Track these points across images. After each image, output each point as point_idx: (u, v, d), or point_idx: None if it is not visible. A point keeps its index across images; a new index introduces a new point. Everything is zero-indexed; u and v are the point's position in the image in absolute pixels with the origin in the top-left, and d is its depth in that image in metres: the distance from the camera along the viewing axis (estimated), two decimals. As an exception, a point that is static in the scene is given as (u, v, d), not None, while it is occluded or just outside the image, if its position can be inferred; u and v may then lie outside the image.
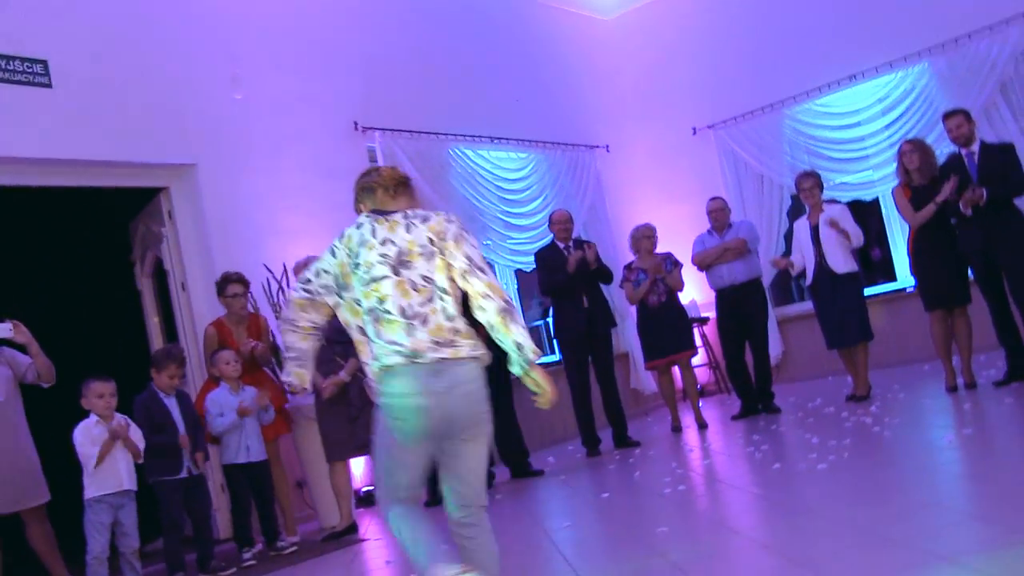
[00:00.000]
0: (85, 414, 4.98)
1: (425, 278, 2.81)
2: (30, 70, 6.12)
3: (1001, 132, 8.28)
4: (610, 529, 4.64)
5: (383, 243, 2.84)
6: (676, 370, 8.12)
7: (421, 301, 2.79)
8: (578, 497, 5.75)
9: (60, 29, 6.30)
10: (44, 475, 5.25)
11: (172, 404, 5.35)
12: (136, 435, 5.05)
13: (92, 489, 4.86)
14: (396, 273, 2.80)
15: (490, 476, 6.75)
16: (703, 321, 9.70)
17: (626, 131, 10.60)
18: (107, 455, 4.87)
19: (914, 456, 4.71)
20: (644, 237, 7.71)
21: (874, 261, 9.70)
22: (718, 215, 7.77)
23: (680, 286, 7.66)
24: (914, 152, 6.59)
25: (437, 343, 2.75)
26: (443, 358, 2.74)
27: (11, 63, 6.03)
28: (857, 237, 6.98)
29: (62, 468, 5.05)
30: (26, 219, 8.43)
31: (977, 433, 4.91)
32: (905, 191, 6.62)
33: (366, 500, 6.78)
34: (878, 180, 9.06)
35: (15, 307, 5.68)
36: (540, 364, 2.93)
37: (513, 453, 6.95)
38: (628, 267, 7.79)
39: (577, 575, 3.66)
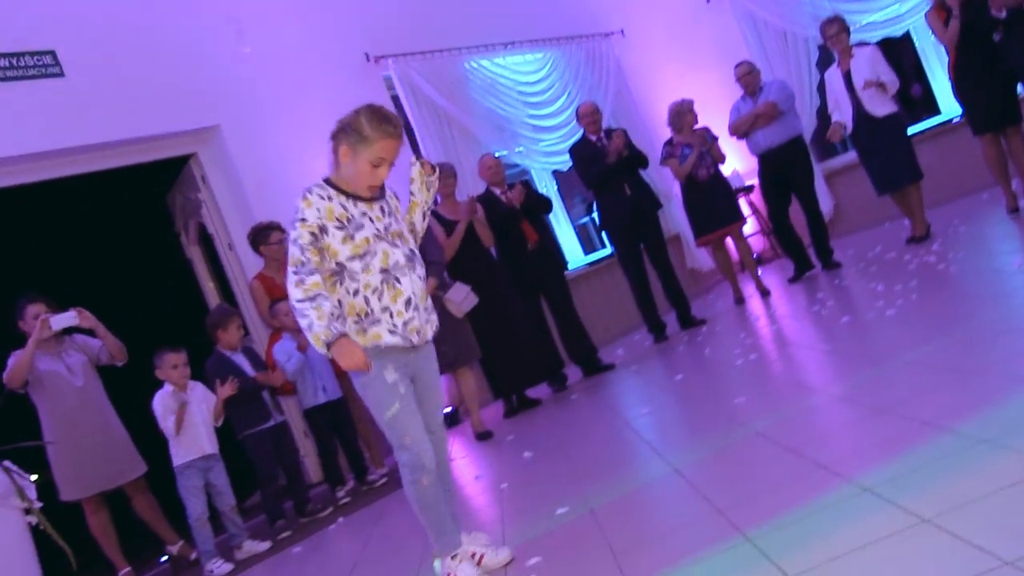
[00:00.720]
0: (159, 384, 5.10)
1: None
2: (40, 63, 6.11)
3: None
4: (689, 409, 4.65)
5: None
6: (730, 243, 8.03)
7: None
8: (652, 383, 5.77)
9: (62, 16, 6.28)
10: (137, 448, 5.46)
11: (241, 360, 5.45)
12: (211, 401, 5.19)
13: (179, 457, 5.03)
14: None
15: (563, 378, 6.80)
16: (748, 190, 9.56)
17: (639, 12, 10.30)
18: (183, 423, 5.00)
19: (984, 285, 4.62)
20: (688, 112, 7.53)
21: (915, 98, 9.42)
22: (748, 80, 7.57)
23: (723, 158, 7.54)
24: None
25: None
26: None
27: (21, 59, 6.03)
28: (893, 84, 6.76)
29: (153, 438, 5.21)
30: (70, 209, 8.55)
31: (1047, 251, 4.79)
32: (939, 13, 6.33)
33: (448, 420, 6.87)
34: (906, 12, 8.69)
35: (76, 294, 5.79)
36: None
37: (581, 351, 6.96)
38: (669, 143, 7.63)
39: (663, 458, 3.68)
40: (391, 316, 2.93)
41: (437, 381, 3.18)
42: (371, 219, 2.93)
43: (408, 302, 2.96)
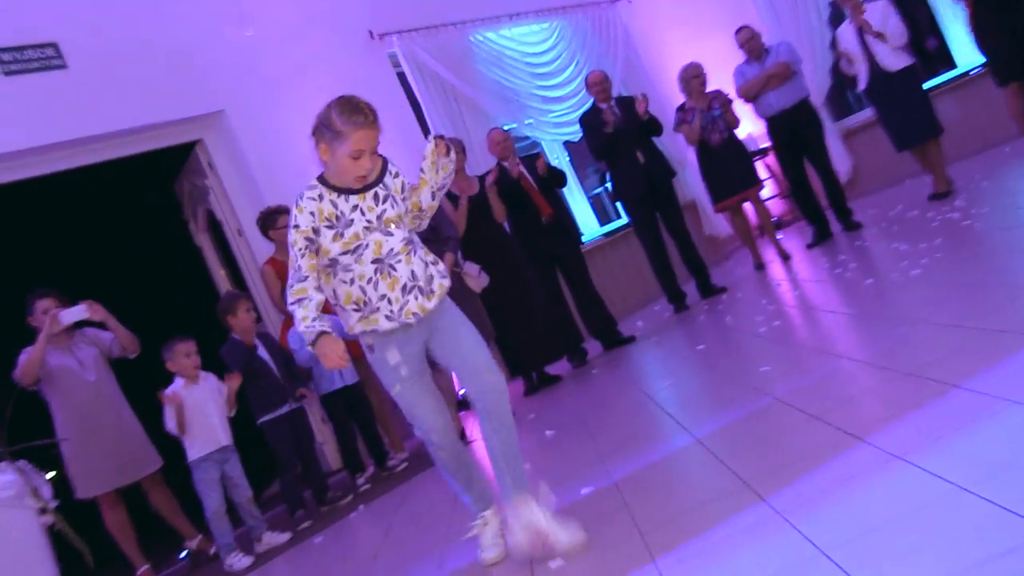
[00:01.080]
0: (172, 377, 5.06)
1: None
2: (43, 55, 6.10)
3: None
4: (712, 379, 4.58)
5: None
6: (748, 208, 7.94)
7: None
8: (674, 355, 5.71)
9: (62, 8, 6.25)
10: (152, 441, 5.43)
11: (256, 345, 5.41)
12: (223, 391, 5.16)
13: (194, 451, 4.99)
14: None
15: (583, 352, 6.75)
16: (764, 153, 9.44)
17: (646, -24, 10.20)
18: (191, 418, 4.96)
19: (1011, 241, 4.52)
20: (693, 77, 7.42)
21: (930, 52, 9.27)
22: (751, 44, 7.45)
23: (736, 122, 7.40)
24: None
25: None
26: None
27: (23, 53, 6.02)
28: (898, 36, 6.63)
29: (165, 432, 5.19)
30: (77, 201, 8.53)
31: (1075, 204, 4.68)
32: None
33: (464, 403, 6.84)
34: (919, -35, 8.57)
35: (86, 287, 5.78)
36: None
37: (600, 324, 6.92)
38: (681, 109, 7.52)
39: (688, 431, 3.63)
40: (389, 303, 2.94)
41: (462, 325, 3.09)
42: (362, 211, 2.91)
43: (404, 287, 2.94)
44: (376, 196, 2.95)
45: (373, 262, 2.91)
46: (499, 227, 6.40)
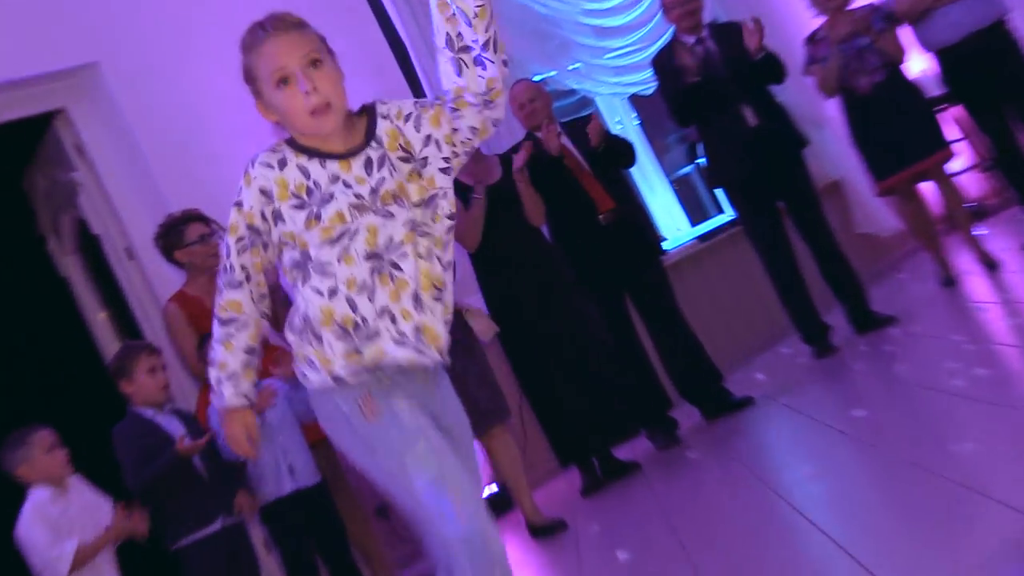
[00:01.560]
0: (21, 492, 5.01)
1: None
2: None
3: None
4: (877, 465, 4.51)
5: None
6: (928, 189, 7.85)
7: None
8: (815, 426, 5.64)
9: None
10: None
11: (171, 424, 5.33)
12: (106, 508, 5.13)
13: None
14: None
15: (671, 425, 6.70)
16: (950, 101, 9.32)
17: None
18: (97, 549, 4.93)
19: None
20: None
21: None
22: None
23: (900, 54, 7.31)
24: None
25: None
26: None
27: None
28: None
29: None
30: None
31: None
32: None
33: (493, 506, 6.77)
34: None
35: None
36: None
37: (697, 380, 6.88)
38: (811, 40, 7.46)
39: (845, 550, 3.54)
40: (393, 320, 2.90)
41: (466, 428, 3.14)
42: (346, 183, 2.93)
43: (416, 298, 2.93)
44: (368, 162, 2.96)
45: (368, 257, 2.89)
46: (535, 233, 6.35)
